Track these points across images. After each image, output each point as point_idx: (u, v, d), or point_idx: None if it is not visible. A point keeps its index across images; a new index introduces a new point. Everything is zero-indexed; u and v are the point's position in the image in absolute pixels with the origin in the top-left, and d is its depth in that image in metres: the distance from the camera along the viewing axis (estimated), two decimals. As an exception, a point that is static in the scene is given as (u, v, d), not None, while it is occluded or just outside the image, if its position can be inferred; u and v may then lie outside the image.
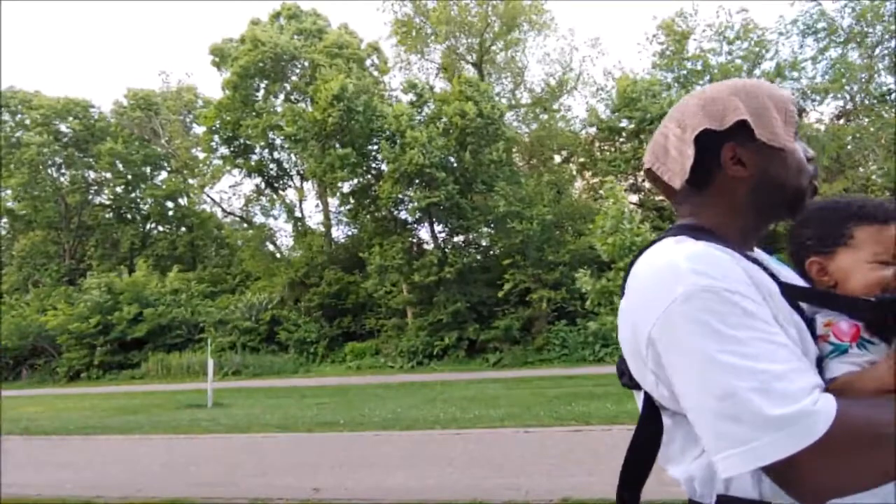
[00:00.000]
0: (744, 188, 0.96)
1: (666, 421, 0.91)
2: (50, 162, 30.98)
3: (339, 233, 28.25)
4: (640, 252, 0.95)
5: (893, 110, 19.39)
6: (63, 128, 31.20)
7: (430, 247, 22.86)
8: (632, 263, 0.95)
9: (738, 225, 0.97)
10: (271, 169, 28.75)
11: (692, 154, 0.95)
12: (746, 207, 0.97)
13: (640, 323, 0.87)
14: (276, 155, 28.36)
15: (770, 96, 0.96)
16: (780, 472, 0.75)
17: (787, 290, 0.88)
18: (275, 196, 29.48)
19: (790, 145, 0.94)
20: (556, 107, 26.68)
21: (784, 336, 0.81)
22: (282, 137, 24.56)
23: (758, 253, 1.02)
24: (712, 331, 0.78)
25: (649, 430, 0.92)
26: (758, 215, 0.98)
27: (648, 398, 0.92)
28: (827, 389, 0.79)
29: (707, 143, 0.95)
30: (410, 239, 22.56)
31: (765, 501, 0.82)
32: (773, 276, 0.89)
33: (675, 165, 0.98)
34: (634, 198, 23.82)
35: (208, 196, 33.97)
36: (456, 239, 23.38)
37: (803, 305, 0.91)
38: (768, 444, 0.73)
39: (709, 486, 0.87)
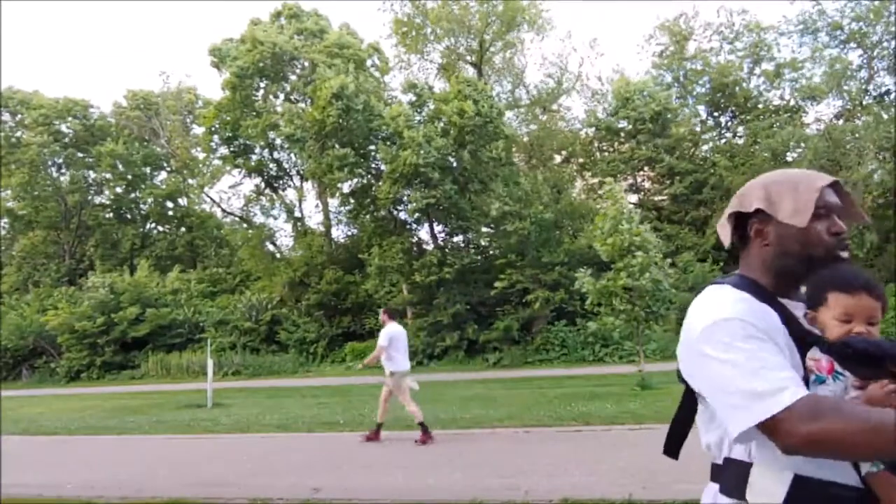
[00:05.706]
0: (771, 253, 1.34)
1: (700, 406, 1.36)
2: (50, 162, 30.99)
3: (339, 233, 28.27)
4: (700, 290, 1.38)
5: (892, 110, 19.37)
6: (63, 128, 31.21)
7: (429, 247, 22.84)
8: (695, 296, 1.38)
9: (770, 277, 1.34)
10: (271, 169, 28.72)
11: (730, 228, 1.40)
12: (773, 266, 1.34)
13: (689, 336, 1.29)
14: (275, 155, 28.33)
15: (795, 187, 1.31)
16: (766, 427, 1.12)
17: (791, 332, 1.25)
18: (274, 196, 29.45)
19: (801, 224, 1.28)
20: (555, 107, 26.68)
21: (778, 350, 1.19)
22: (281, 137, 24.55)
23: (792, 302, 1.34)
24: (726, 344, 1.20)
25: (687, 408, 1.41)
26: (782, 272, 1.34)
27: (689, 388, 1.36)
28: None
29: (742, 220, 1.39)
30: (410, 239, 22.53)
31: (751, 462, 1.23)
32: (789, 319, 1.26)
33: (723, 232, 1.42)
34: (633, 198, 23.83)
35: (208, 196, 34.03)
36: (455, 239, 23.37)
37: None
38: (755, 409, 1.12)
39: (719, 450, 1.30)
